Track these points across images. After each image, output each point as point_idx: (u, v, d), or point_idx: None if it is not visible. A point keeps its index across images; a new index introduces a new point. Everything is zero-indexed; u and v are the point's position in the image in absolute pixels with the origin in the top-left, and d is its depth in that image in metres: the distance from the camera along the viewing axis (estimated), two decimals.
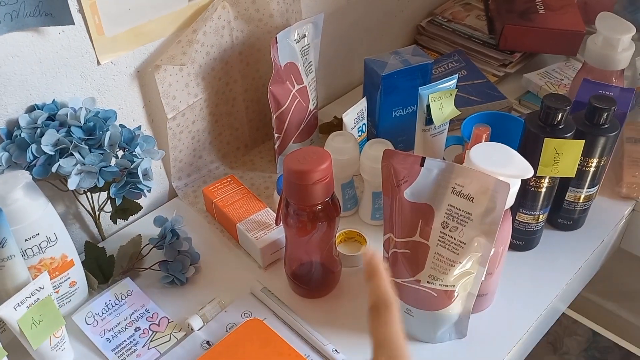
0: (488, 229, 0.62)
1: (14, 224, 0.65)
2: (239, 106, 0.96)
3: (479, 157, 0.64)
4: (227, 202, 0.86)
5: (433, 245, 0.65)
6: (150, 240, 0.80)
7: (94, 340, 0.73)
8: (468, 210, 0.63)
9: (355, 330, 0.74)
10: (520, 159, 0.65)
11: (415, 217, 0.66)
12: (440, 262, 0.65)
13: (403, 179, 0.65)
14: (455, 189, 0.64)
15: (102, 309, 0.76)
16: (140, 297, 0.78)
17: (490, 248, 0.63)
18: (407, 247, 0.67)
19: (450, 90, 0.80)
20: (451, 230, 0.64)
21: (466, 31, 1.20)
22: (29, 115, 0.70)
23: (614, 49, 0.86)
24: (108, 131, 0.71)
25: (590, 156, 0.78)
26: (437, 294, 0.67)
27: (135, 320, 0.75)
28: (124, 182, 0.70)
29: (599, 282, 0.99)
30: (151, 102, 0.85)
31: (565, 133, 0.73)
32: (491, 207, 0.62)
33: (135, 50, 0.79)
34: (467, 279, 0.66)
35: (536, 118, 0.74)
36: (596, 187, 0.83)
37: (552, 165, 0.73)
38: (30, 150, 0.67)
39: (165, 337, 0.74)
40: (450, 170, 0.64)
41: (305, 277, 0.78)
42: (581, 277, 0.86)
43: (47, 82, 0.73)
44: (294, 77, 0.90)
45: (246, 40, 0.91)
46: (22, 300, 0.64)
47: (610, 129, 0.77)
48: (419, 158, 0.65)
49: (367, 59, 0.92)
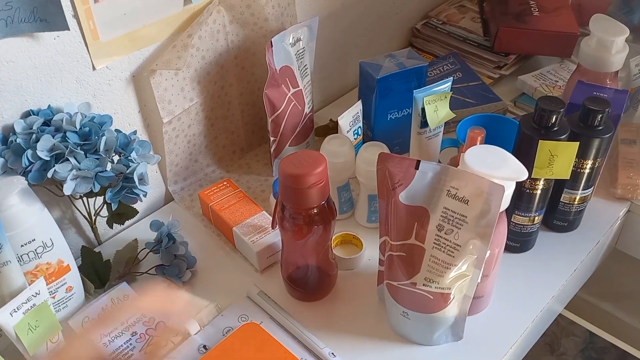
0: (483, 231, 0.63)
1: (10, 229, 0.65)
2: (235, 110, 0.96)
3: (473, 160, 0.64)
4: (223, 206, 0.86)
5: (429, 248, 0.66)
6: (146, 245, 0.81)
7: None
8: (463, 212, 0.63)
9: (352, 333, 0.75)
10: (514, 161, 0.65)
11: (410, 220, 0.66)
12: (436, 265, 0.65)
13: (398, 182, 0.66)
14: (450, 191, 0.64)
15: (98, 315, 0.76)
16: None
17: (486, 250, 0.64)
18: (403, 250, 0.67)
19: (445, 93, 0.80)
20: (446, 233, 0.64)
21: (461, 33, 1.21)
22: (25, 120, 0.70)
23: (608, 51, 0.87)
24: (104, 136, 0.71)
25: (585, 158, 0.78)
26: (433, 297, 0.67)
27: (132, 325, 0.75)
28: (119, 187, 0.70)
29: (595, 283, 0.99)
30: (147, 106, 0.85)
31: (560, 135, 0.73)
32: (486, 210, 0.62)
33: (130, 55, 0.80)
34: (463, 281, 0.66)
35: (530, 120, 0.75)
36: (591, 189, 0.84)
37: (547, 167, 0.73)
38: (26, 155, 0.67)
39: (162, 341, 0.74)
40: (445, 173, 0.64)
41: (301, 281, 0.78)
42: (577, 278, 0.86)
43: (43, 87, 0.73)
44: (289, 81, 0.90)
45: (241, 44, 0.91)
46: (19, 306, 0.64)
47: (605, 130, 0.77)
48: (414, 161, 0.65)
49: (362, 62, 0.92)
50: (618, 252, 0.99)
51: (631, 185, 0.91)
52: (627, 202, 0.92)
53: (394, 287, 0.70)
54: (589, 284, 0.95)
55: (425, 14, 1.27)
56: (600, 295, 1.20)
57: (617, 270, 1.10)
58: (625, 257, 1.00)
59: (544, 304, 0.78)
